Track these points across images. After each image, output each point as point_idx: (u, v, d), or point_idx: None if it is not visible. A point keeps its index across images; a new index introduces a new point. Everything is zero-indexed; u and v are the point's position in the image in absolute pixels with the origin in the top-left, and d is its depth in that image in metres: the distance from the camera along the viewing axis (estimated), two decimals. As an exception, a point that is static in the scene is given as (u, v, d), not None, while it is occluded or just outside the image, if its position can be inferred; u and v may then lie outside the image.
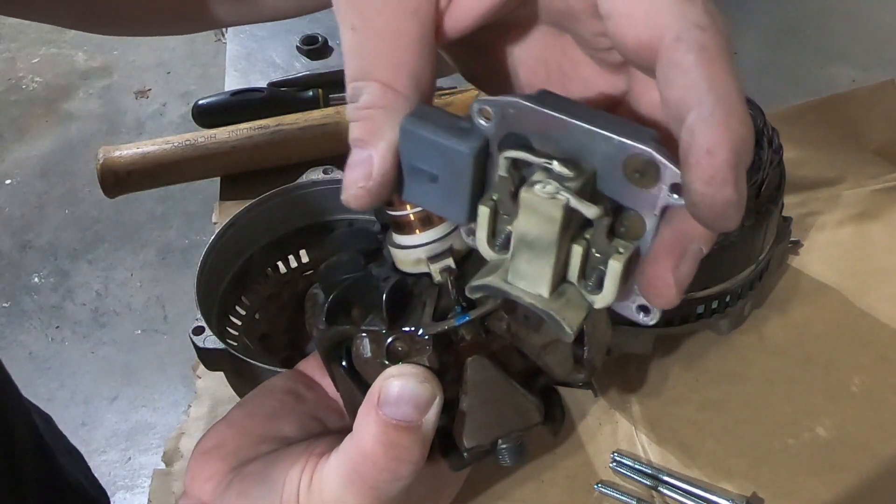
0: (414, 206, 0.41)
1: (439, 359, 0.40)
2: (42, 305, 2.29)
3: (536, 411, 0.42)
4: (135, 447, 1.98)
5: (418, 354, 0.40)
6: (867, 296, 0.85)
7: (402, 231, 0.42)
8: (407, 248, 0.42)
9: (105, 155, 0.98)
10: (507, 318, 0.40)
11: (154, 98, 2.82)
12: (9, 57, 3.01)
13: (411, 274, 0.42)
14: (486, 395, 0.41)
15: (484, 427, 0.41)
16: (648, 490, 0.73)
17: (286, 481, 0.41)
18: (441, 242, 0.41)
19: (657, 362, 0.81)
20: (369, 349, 0.41)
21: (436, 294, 0.41)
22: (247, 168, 1.01)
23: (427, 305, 0.41)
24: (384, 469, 0.39)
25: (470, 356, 0.40)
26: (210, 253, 0.80)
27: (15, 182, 2.61)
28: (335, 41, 1.19)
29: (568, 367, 0.43)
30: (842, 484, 0.73)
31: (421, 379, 0.39)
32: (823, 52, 1.12)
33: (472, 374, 0.40)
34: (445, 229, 0.41)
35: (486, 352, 0.41)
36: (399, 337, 0.40)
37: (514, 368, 0.42)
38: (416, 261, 0.42)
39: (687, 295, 0.74)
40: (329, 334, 0.43)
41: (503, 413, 0.41)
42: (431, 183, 0.37)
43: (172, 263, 2.36)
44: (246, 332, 0.82)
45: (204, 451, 0.45)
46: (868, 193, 0.94)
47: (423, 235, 0.41)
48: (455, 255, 0.41)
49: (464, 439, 0.41)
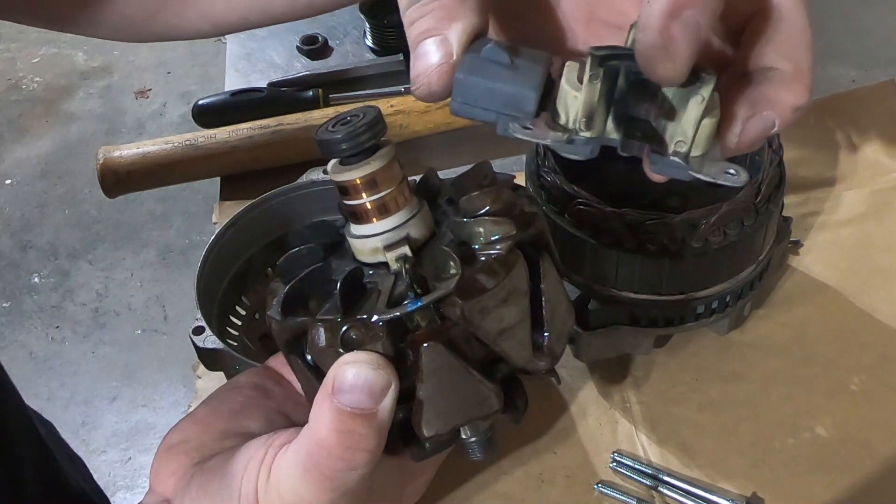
0: (370, 195, 0.42)
1: (394, 346, 0.40)
2: (42, 305, 2.29)
3: (496, 399, 0.42)
4: (135, 447, 1.98)
5: (372, 342, 0.40)
6: (867, 296, 0.85)
7: (358, 220, 0.42)
8: (363, 238, 0.42)
9: (105, 155, 0.98)
10: (461, 304, 0.40)
11: (154, 98, 2.82)
12: (9, 57, 3.01)
13: (369, 264, 0.43)
14: (443, 382, 0.40)
15: (443, 415, 0.41)
16: (648, 490, 0.73)
17: (245, 475, 0.41)
18: (397, 231, 0.42)
19: (657, 362, 0.81)
20: (324, 338, 0.41)
21: (391, 283, 0.41)
22: (247, 168, 1.01)
23: (382, 293, 0.41)
24: (339, 458, 0.38)
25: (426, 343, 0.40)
26: (210, 253, 0.80)
27: (15, 182, 2.61)
28: (335, 41, 1.19)
29: (526, 354, 0.43)
30: (842, 484, 0.73)
31: (375, 366, 0.39)
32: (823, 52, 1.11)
33: (427, 361, 0.40)
34: (402, 218, 0.42)
35: (442, 338, 0.40)
36: (353, 325, 0.40)
37: (474, 356, 0.42)
38: (373, 250, 0.42)
39: (687, 295, 0.74)
40: (287, 325, 0.43)
41: (461, 400, 0.41)
42: (504, 68, 0.39)
43: (172, 263, 2.36)
44: (246, 332, 0.82)
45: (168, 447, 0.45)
46: (868, 193, 0.94)
47: (379, 224, 0.42)
48: (412, 243, 0.42)
49: (423, 428, 0.41)
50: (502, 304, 0.41)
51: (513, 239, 0.42)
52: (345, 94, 1.08)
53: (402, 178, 0.43)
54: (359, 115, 0.42)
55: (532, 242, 0.44)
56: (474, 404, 0.41)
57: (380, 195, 0.42)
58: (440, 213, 0.46)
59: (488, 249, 0.41)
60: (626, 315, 0.76)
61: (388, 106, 1.02)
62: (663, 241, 0.70)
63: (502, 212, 0.43)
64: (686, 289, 0.73)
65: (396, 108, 1.01)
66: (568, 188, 0.72)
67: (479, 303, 0.40)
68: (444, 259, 0.41)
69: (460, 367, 0.41)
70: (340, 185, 0.42)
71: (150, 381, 2.10)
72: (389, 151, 0.42)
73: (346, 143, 0.41)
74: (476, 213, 0.43)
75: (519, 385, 0.44)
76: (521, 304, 0.42)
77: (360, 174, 0.41)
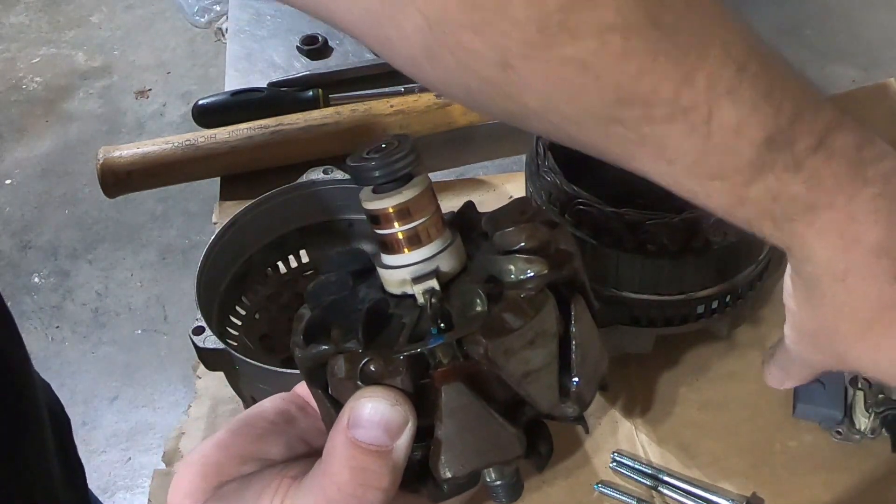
0: (402, 224, 0.40)
1: (414, 382, 0.38)
2: (42, 305, 2.29)
3: (518, 444, 0.40)
4: (135, 447, 1.98)
5: (392, 376, 0.38)
6: (867, 296, 0.85)
7: (389, 251, 0.41)
8: (392, 269, 0.41)
9: (105, 155, 0.98)
10: (485, 343, 0.38)
11: (154, 98, 2.82)
12: (9, 57, 3.01)
13: (396, 296, 0.41)
14: (463, 423, 0.39)
15: (461, 457, 0.39)
16: (648, 490, 0.73)
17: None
18: (427, 263, 0.41)
19: (657, 362, 0.81)
20: (344, 369, 0.39)
21: (416, 316, 0.40)
22: (247, 168, 1.01)
23: (406, 328, 0.39)
24: (351, 495, 0.37)
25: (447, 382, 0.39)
26: (210, 253, 0.80)
27: (15, 182, 2.61)
28: (335, 41, 1.19)
29: (553, 400, 0.41)
30: (842, 484, 0.73)
31: (393, 402, 0.38)
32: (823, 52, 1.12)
33: (447, 400, 0.39)
34: (433, 250, 0.41)
35: (464, 377, 0.39)
36: (373, 358, 0.39)
37: (497, 398, 0.40)
38: (401, 281, 0.41)
39: (687, 295, 0.74)
40: (310, 354, 0.41)
41: (481, 443, 0.39)
42: None
43: (172, 263, 2.36)
44: (246, 332, 0.82)
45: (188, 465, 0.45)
46: (868, 193, 0.93)
47: (409, 255, 0.41)
48: (441, 277, 0.40)
49: (440, 470, 0.39)
50: (529, 345, 0.39)
51: (544, 279, 0.40)
52: (345, 94, 1.08)
53: (435, 209, 0.41)
54: (393, 143, 0.40)
55: (566, 283, 0.42)
56: (495, 448, 0.40)
57: (412, 225, 0.40)
58: (474, 247, 0.44)
59: (518, 288, 0.40)
60: (626, 315, 0.76)
61: (388, 106, 1.02)
62: (663, 241, 0.70)
63: (537, 249, 0.41)
64: (686, 289, 0.73)
65: (396, 108, 1.01)
66: (568, 188, 0.72)
67: (504, 343, 0.38)
68: (471, 295, 0.40)
69: (481, 408, 0.39)
70: (372, 213, 0.41)
71: (150, 381, 2.10)
72: (423, 180, 0.41)
73: (380, 170, 0.40)
74: (510, 250, 0.42)
75: (544, 430, 0.43)
76: (548, 347, 0.40)
77: (393, 203, 0.40)
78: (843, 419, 0.75)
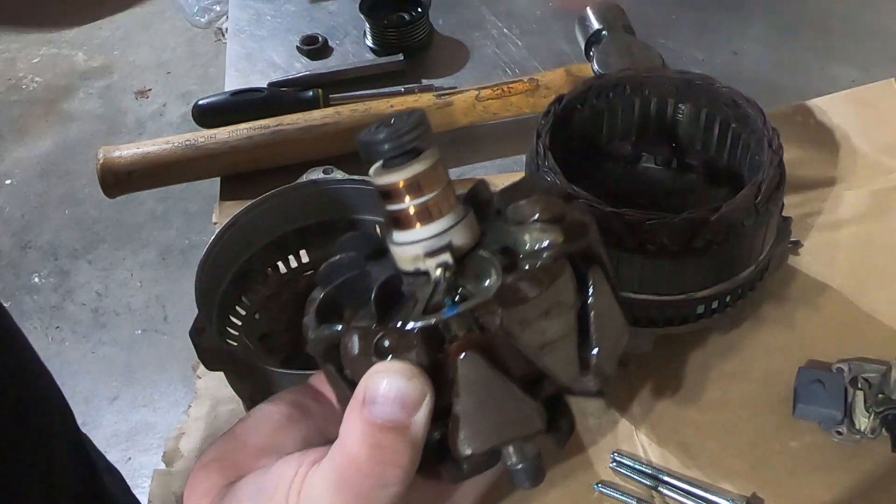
0: (413, 198, 0.40)
1: (429, 356, 0.38)
2: (42, 305, 2.29)
3: (538, 417, 0.39)
4: (135, 447, 1.98)
5: (406, 350, 0.37)
6: (867, 296, 0.85)
7: (400, 227, 0.40)
8: (404, 245, 0.40)
9: (105, 155, 0.98)
10: (500, 312, 0.37)
11: (154, 98, 2.82)
12: (9, 57, 3.01)
13: (409, 272, 0.41)
14: (481, 397, 0.38)
15: (480, 433, 0.38)
16: (648, 490, 0.73)
17: (276, 493, 0.39)
18: (439, 238, 0.40)
19: (657, 362, 0.81)
20: (357, 346, 0.39)
21: (429, 291, 0.39)
22: (247, 168, 1.01)
23: (419, 302, 0.39)
24: (370, 474, 0.36)
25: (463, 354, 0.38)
26: (210, 253, 0.80)
27: (15, 182, 2.61)
28: (335, 41, 1.19)
29: (572, 372, 0.40)
30: (842, 484, 0.73)
31: (408, 376, 0.37)
32: (823, 52, 1.12)
33: (464, 373, 0.38)
34: (445, 224, 0.40)
35: (481, 350, 0.38)
36: (387, 333, 0.38)
37: (516, 371, 0.39)
38: (414, 257, 0.40)
39: (687, 295, 0.74)
40: (323, 335, 0.41)
41: (500, 417, 0.38)
42: None
43: (172, 263, 2.36)
44: (246, 332, 0.82)
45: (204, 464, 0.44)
46: (868, 193, 0.94)
47: (421, 230, 0.40)
48: (454, 251, 0.40)
49: (458, 446, 0.38)
50: (544, 315, 0.38)
51: (560, 248, 0.39)
52: (345, 94, 1.08)
53: (447, 183, 0.41)
54: (402, 117, 0.40)
55: (583, 256, 0.42)
56: (514, 422, 0.39)
57: (423, 199, 0.40)
58: (488, 223, 0.43)
59: (534, 258, 0.39)
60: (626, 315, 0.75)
61: (388, 106, 1.02)
62: (663, 241, 0.70)
63: (551, 221, 0.41)
64: (686, 289, 0.73)
65: (396, 108, 1.01)
66: (568, 188, 0.72)
67: (519, 312, 0.38)
68: (486, 266, 0.39)
69: (499, 380, 0.38)
70: (382, 188, 0.40)
71: (150, 381, 2.10)
72: (434, 153, 0.40)
73: (389, 143, 0.39)
74: (524, 222, 0.41)
75: (564, 406, 0.42)
76: (565, 318, 0.40)
77: (404, 176, 0.39)
78: (843, 419, 0.75)
